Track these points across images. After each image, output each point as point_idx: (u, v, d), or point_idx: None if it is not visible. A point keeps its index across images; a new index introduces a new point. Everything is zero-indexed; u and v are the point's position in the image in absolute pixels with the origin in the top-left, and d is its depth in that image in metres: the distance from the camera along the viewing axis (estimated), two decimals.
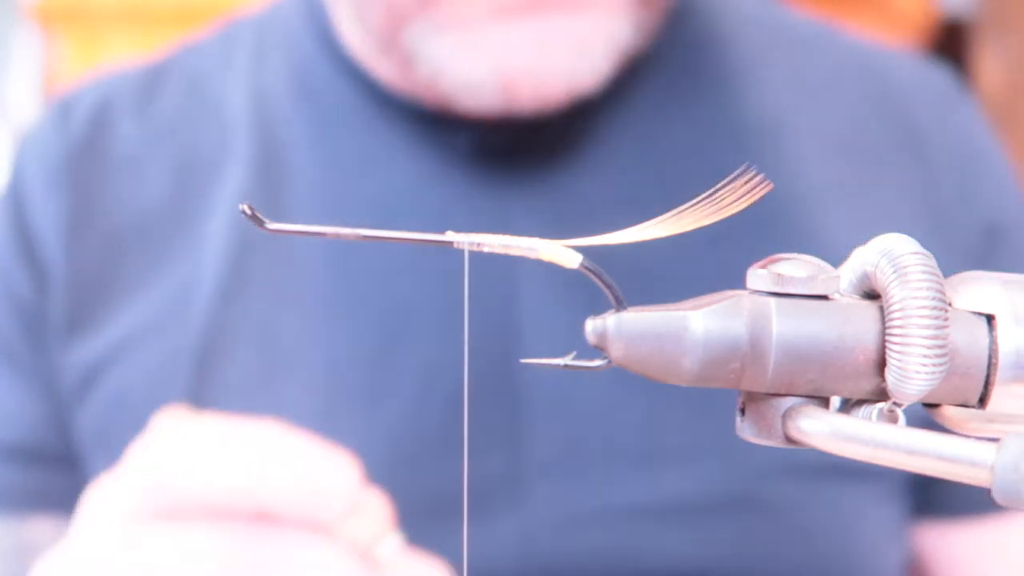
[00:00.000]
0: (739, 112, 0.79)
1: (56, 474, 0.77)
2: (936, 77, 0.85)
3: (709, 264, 0.73)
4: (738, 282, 0.36)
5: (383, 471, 0.72)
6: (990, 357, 0.35)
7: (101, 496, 0.58)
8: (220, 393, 0.74)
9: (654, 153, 0.77)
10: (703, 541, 0.71)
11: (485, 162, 0.75)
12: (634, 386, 0.71)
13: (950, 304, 0.35)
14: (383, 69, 0.75)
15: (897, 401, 0.36)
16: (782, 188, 0.38)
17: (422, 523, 0.71)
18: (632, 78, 0.78)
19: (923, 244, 0.36)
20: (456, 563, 0.70)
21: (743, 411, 0.37)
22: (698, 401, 0.72)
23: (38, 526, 0.77)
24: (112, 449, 0.75)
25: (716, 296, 0.36)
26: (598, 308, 0.72)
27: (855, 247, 0.81)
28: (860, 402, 0.36)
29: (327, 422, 0.72)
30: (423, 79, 0.72)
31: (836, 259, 0.37)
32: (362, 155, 0.77)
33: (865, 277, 0.36)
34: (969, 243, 0.78)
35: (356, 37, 0.76)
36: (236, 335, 0.74)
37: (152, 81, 0.82)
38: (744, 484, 0.72)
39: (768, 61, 0.81)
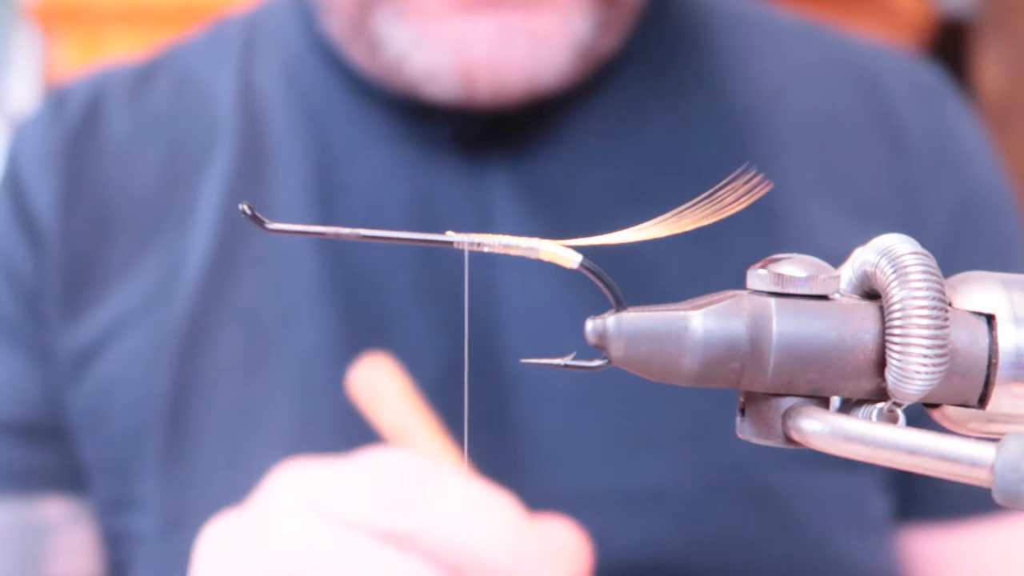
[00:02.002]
0: (718, 106, 0.80)
1: (60, 453, 0.78)
2: (919, 70, 0.85)
3: (693, 257, 0.74)
4: (720, 275, 0.36)
5: None
6: (990, 357, 0.35)
7: (331, 493, 0.59)
8: (205, 376, 0.75)
9: (633, 144, 0.78)
10: (685, 528, 0.72)
11: (467, 151, 0.77)
12: (616, 372, 0.72)
13: (950, 304, 0.35)
14: (356, 55, 0.77)
15: (897, 401, 0.36)
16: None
17: None
18: (611, 72, 0.79)
19: (894, 230, 0.36)
20: None
21: (743, 411, 0.37)
22: (681, 388, 0.72)
23: (46, 506, 0.77)
24: (102, 432, 0.76)
25: (716, 296, 0.36)
26: (578, 289, 0.73)
27: (833, 236, 0.81)
28: (860, 402, 0.36)
29: (309, 408, 0.73)
30: (388, 65, 0.74)
31: (815, 249, 0.38)
32: (347, 145, 0.78)
33: (865, 277, 0.36)
34: (939, 228, 0.79)
35: (335, 25, 0.77)
36: (222, 319, 0.76)
37: (144, 76, 0.84)
38: (728, 472, 0.72)
39: (747, 55, 0.82)
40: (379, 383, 0.68)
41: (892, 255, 0.35)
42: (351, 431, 0.73)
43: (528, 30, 0.71)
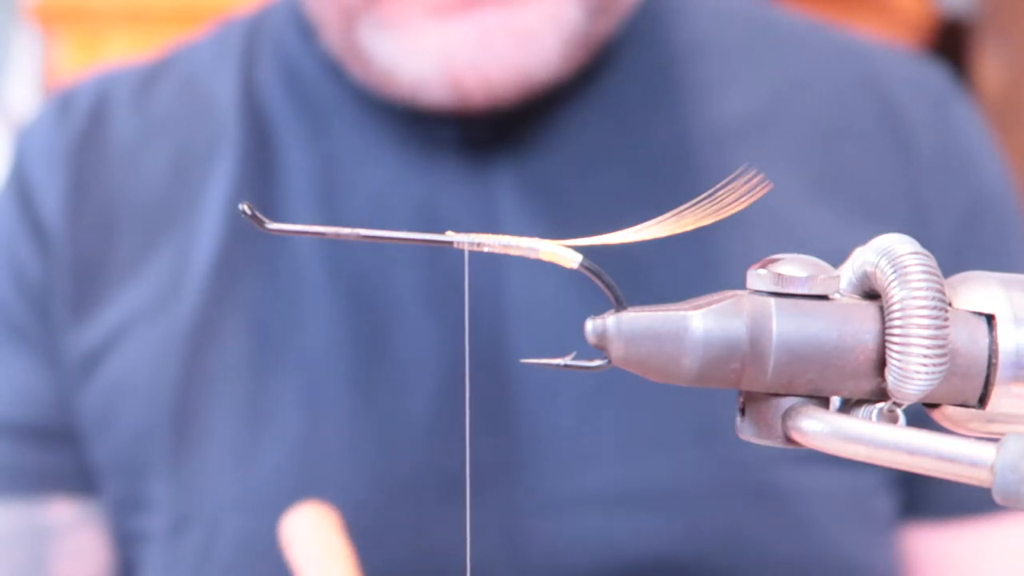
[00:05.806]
0: (721, 103, 0.79)
1: (68, 455, 0.78)
2: (926, 71, 0.85)
3: (693, 257, 0.74)
4: (720, 275, 0.36)
5: (371, 458, 0.72)
6: (990, 357, 0.35)
7: None
8: (212, 377, 0.75)
9: (635, 141, 0.78)
10: (689, 527, 0.72)
11: (472, 152, 0.77)
12: (621, 372, 0.72)
13: (950, 304, 0.35)
14: (352, 68, 0.77)
15: (897, 401, 0.36)
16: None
17: (408, 510, 0.72)
18: (609, 68, 0.78)
19: (899, 232, 0.36)
20: (441, 546, 0.70)
21: (743, 411, 0.37)
22: (685, 388, 0.72)
23: (53, 509, 0.78)
24: (111, 433, 0.76)
25: (716, 296, 0.36)
26: (585, 290, 0.73)
27: (837, 237, 0.81)
28: (860, 402, 0.36)
29: (316, 409, 0.73)
30: (380, 78, 0.74)
31: (815, 250, 0.38)
32: (350, 149, 0.78)
33: (865, 277, 0.36)
34: (946, 230, 0.79)
35: (329, 40, 0.77)
36: (228, 320, 0.76)
37: (148, 78, 0.84)
38: (733, 471, 0.72)
39: (750, 54, 0.82)
40: (308, 533, 0.62)
41: (892, 255, 0.35)
42: (357, 432, 0.73)
43: (510, 27, 0.71)
